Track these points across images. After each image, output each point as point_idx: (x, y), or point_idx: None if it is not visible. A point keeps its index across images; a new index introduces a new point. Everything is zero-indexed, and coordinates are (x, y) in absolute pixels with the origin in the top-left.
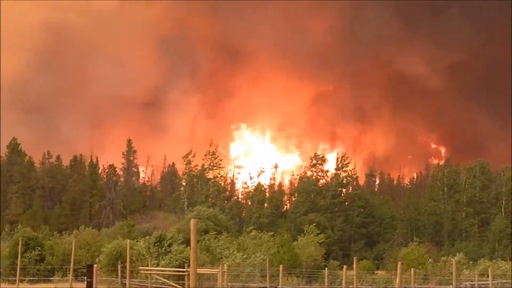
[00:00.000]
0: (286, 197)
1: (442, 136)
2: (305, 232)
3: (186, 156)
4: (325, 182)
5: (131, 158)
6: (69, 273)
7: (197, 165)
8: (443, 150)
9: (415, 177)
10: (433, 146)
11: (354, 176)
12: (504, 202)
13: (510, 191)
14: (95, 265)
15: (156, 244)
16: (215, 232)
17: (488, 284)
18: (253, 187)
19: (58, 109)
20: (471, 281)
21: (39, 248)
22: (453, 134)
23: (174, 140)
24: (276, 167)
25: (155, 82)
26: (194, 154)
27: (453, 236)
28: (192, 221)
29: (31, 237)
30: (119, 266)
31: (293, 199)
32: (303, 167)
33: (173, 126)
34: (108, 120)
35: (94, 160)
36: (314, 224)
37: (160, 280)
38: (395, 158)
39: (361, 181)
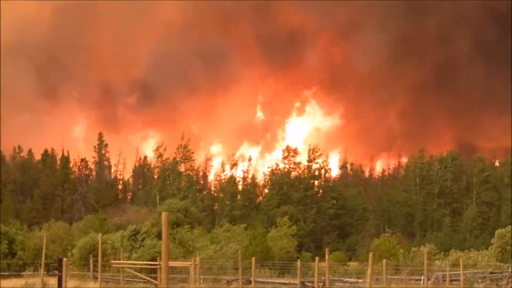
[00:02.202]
0: (259, 189)
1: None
2: (277, 224)
3: (157, 149)
4: (297, 174)
5: (103, 151)
6: (41, 268)
7: (168, 158)
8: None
9: (387, 169)
10: None
11: (326, 168)
12: (475, 193)
13: (482, 181)
14: (64, 259)
15: (130, 238)
16: (188, 226)
17: (460, 274)
18: (226, 179)
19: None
20: (443, 272)
21: (6, 242)
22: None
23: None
24: (250, 159)
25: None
26: (165, 148)
27: (425, 227)
28: (164, 214)
29: (2, 232)
30: (91, 260)
31: (266, 191)
32: (276, 159)
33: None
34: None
35: (66, 154)
36: (286, 217)
37: (132, 273)
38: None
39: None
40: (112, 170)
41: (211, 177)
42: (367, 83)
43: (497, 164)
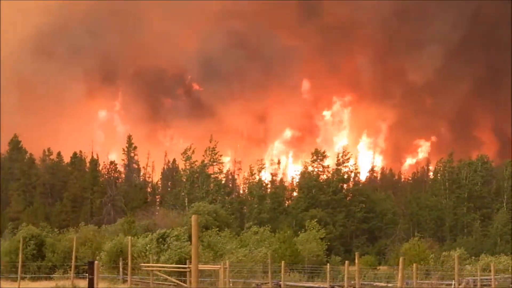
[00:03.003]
0: (287, 192)
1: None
2: (306, 227)
3: (185, 152)
4: (326, 177)
5: (132, 154)
6: (70, 271)
7: (197, 161)
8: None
9: (417, 172)
10: None
11: (355, 171)
12: (506, 197)
13: None
14: (96, 262)
15: (159, 241)
16: (217, 229)
17: (490, 279)
18: (254, 182)
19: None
20: (473, 276)
21: (34, 244)
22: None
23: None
24: (279, 162)
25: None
26: (193, 150)
27: (455, 231)
28: (193, 217)
29: (34, 235)
30: (120, 263)
31: (295, 194)
32: (304, 162)
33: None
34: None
35: (95, 157)
36: (315, 220)
37: (162, 276)
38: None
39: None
40: (141, 173)
41: (240, 180)
42: (415, 90)
43: None
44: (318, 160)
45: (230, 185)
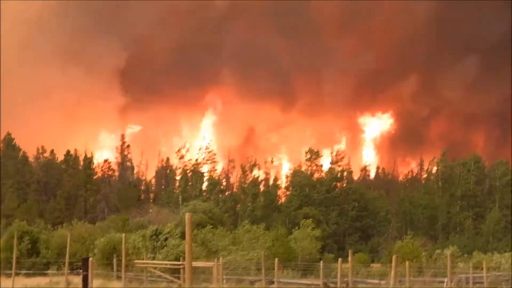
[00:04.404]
0: (280, 191)
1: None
2: (300, 226)
3: (179, 150)
4: (319, 176)
5: (126, 152)
6: (64, 267)
7: (191, 159)
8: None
9: (411, 171)
10: None
11: (349, 170)
12: (498, 196)
13: (505, 185)
14: (90, 259)
15: (152, 238)
16: (211, 226)
17: (483, 276)
18: (248, 180)
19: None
20: (466, 274)
21: (28, 241)
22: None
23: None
24: (272, 161)
25: None
26: (188, 149)
27: (447, 230)
28: (187, 215)
29: (25, 231)
30: (114, 260)
31: (288, 193)
32: (299, 161)
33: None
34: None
35: (89, 155)
36: (311, 220)
37: (156, 273)
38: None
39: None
40: (135, 171)
41: (233, 178)
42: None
43: None
44: (312, 159)
45: (225, 183)
